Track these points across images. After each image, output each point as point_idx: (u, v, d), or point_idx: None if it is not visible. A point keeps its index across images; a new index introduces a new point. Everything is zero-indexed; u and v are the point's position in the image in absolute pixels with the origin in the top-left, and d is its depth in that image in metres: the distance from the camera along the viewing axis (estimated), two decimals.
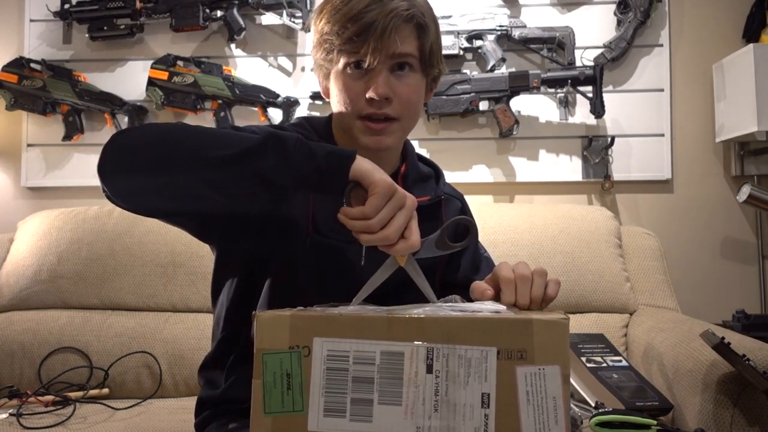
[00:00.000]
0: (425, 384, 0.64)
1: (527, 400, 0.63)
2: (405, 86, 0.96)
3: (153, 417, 1.48)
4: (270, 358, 0.65)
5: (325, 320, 0.66)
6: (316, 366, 0.65)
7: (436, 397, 0.63)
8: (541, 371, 0.63)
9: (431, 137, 2.15)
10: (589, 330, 1.66)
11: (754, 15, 2.11)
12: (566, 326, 0.65)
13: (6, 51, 2.27)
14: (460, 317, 0.66)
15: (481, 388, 0.63)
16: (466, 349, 0.64)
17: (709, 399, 1.16)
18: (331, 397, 0.64)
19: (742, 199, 1.79)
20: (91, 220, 1.91)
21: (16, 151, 2.26)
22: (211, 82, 2.11)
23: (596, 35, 2.14)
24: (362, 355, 0.65)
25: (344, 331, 0.65)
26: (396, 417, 0.63)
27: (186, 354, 1.73)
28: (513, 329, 0.64)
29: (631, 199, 2.15)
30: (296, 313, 0.67)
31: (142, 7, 2.15)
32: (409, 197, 0.77)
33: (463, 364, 0.64)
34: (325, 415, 0.64)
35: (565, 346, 0.65)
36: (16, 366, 1.74)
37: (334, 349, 0.65)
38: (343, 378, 0.64)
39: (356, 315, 0.66)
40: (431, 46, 0.97)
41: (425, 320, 0.65)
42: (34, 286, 1.84)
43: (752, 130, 1.89)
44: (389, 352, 0.64)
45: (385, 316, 0.66)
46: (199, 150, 0.79)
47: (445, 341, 0.64)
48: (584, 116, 2.11)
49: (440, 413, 0.63)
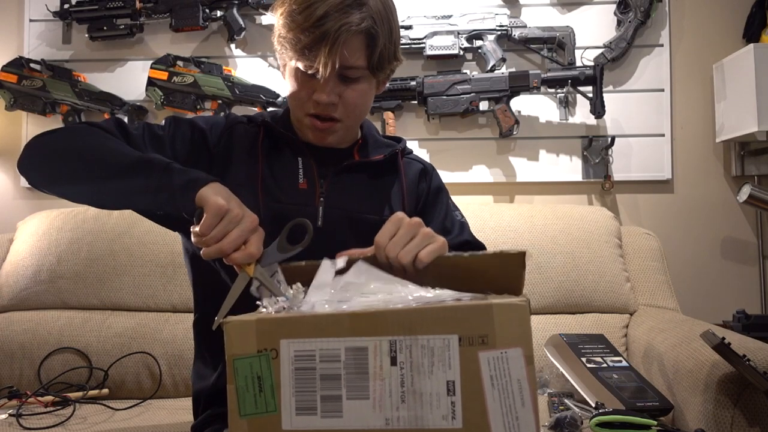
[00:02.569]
0: (390, 376, 0.65)
1: (492, 385, 0.64)
2: (352, 91, 1.02)
3: (153, 417, 1.48)
4: (240, 363, 0.67)
5: (290, 322, 0.68)
6: (285, 367, 0.66)
7: (402, 389, 0.65)
8: (504, 355, 0.64)
9: (431, 137, 2.15)
10: (589, 330, 1.66)
11: (754, 15, 2.11)
12: (526, 309, 0.66)
13: (6, 51, 2.27)
14: (420, 308, 0.67)
15: (446, 376, 0.64)
16: (428, 339, 0.65)
17: (710, 399, 1.16)
18: (302, 395, 0.66)
19: (742, 199, 1.79)
20: (91, 220, 1.91)
21: (16, 151, 2.25)
22: (211, 82, 2.11)
23: (596, 35, 2.14)
24: (327, 353, 0.66)
25: (308, 331, 0.67)
26: (365, 410, 0.65)
27: (186, 354, 1.72)
28: (473, 315, 0.65)
29: (631, 199, 2.15)
30: (262, 317, 0.69)
31: (142, 7, 2.15)
32: (247, 216, 0.84)
33: (427, 353, 0.65)
34: (297, 414, 0.66)
35: (526, 328, 0.65)
36: (16, 366, 1.74)
37: (300, 350, 0.67)
38: (311, 377, 0.66)
39: (319, 314, 0.68)
40: (381, 52, 1.01)
41: (386, 314, 0.66)
42: (33, 286, 1.84)
43: (752, 130, 1.89)
44: (353, 347, 0.66)
45: (347, 312, 0.67)
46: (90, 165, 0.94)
47: (407, 332, 0.65)
48: (584, 116, 2.11)
49: (407, 404, 0.64)
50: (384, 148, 1.14)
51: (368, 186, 1.10)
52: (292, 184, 1.06)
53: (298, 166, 1.08)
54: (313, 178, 1.07)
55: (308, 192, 1.06)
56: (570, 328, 1.70)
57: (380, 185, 1.12)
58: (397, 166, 1.14)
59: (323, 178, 1.07)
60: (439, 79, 2.05)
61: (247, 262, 0.83)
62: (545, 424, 1.22)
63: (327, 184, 1.07)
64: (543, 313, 1.77)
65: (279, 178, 1.07)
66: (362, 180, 1.10)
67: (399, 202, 1.11)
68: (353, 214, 1.06)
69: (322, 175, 1.07)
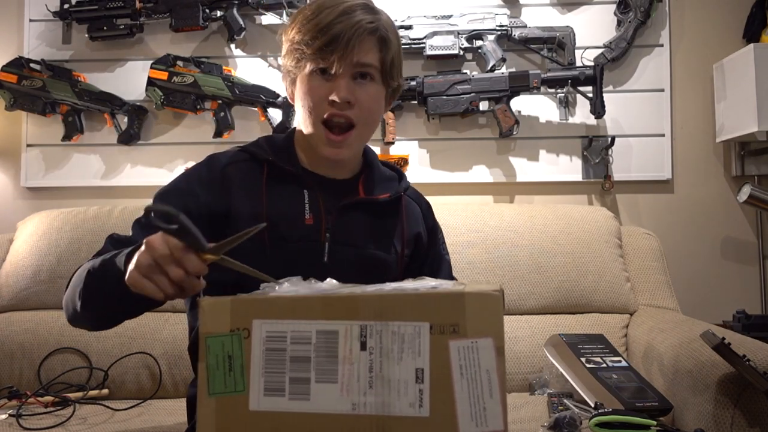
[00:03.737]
0: (360, 361, 0.65)
1: (461, 374, 0.64)
2: (365, 93, 1.04)
3: (153, 417, 1.48)
4: (213, 341, 0.67)
5: (264, 303, 0.68)
6: (256, 347, 0.66)
7: (370, 374, 0.64)
8: (474, 344, 0.64)
9: (431, 137, 2.15)
10: (589, 330, 1.66)
11: (754, 15, 2.10)
12: (498, 299, 0.65)
13: (5, 51, 2.27)
14: (393, 294, 0.67)
15: (415, 364, 0.64)
16: (399, 325, 0.65)
17: (710, 399, 1.16)
18: (271, 376, 0.66)
19: (742, 199, 1.79)
20: (91, 220, 1.91)
21: (15, 151, 2.26)
22: (211, 82, 2.11)
23: (596, 35, 2.14)
24: (299, 335, 0.66)
25: (281, 313, 0.67)
26: (332, 394, 0.65)
27: (186, 354, 1.70)
28: (445, 304, 0.65)
29: (631, 199, 2.15)
30: (237, 297, 0.69)
31: (142, 7, 2.15)
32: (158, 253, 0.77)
33: (397, 340, 0.65)
34: (265, 394, 0.66)
35: (498, 318, 0.65)
36: (16, 366, 1.74)
37: (272, 330, 0.66)
38: (281, 358, 0.66)
39: (292, 296, 0.68)
40: (392, 59, 1.06)
41: (358, 298, 0.66)
42: (33, 286, 1.84)
43: (752, 130, 1.89)
44: (324, 331, 0.66)
45: (320, 295, 0.68)
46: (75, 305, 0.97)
47: (378, 318, 0.65)
48: (584, 116, 2.11)
49: (375, 389, 0.64)
50: (387, 184, 1.16)
51: (373, 223, 1.11)
52: (298, 219, 1.06)
53: (304, 200, 1.07)
54: (320, 212, 1.07)
55: (314, 227, 1.06)
56: (570, 328, 1.70)
57: (384, 223, 1.13)
58: (400, 207, 1.16)
59: (329, 213, 1.07)
60: (439, 79, 2.05)
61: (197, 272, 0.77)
62: (544, 424, 1.22)
63: (333, 220, 1.07)
64: (543, 313, 1.77)
65: (284, 213, 1.06)
66: (367, 217, 1.11)
67: (400, 242, 1.14)
68: (359, 251, 1.08)
69: (328, 210, 1.07)
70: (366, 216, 1.11)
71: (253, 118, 2.17)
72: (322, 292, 0.70)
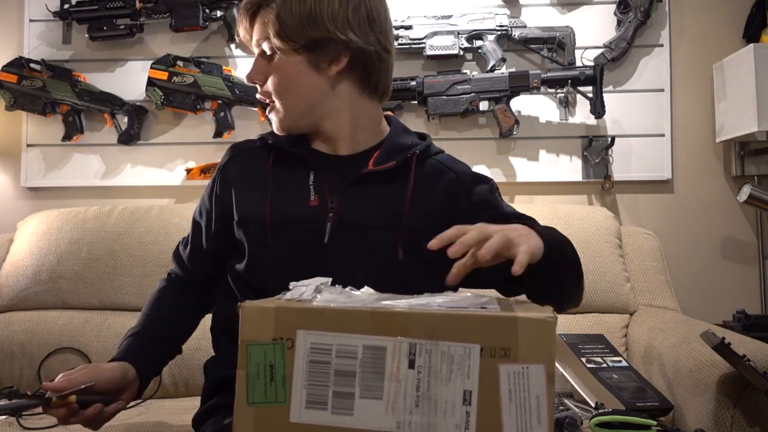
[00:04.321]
0: (407, 379, 0.64)
1: (509, 399, 0.63)
2: (271, 68, 1.04)
3: (153, 417, 1.48)
4: (254, 350, 0.66)
5: (309, 313, 0.66)
6: (299, 358, 0.65)
7: (417, 393, 0.63)
8: (525, 370, 0.63)
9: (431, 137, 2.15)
10: (589, 330, 1.66)
11: (754, 15, 2.10)
12: (552, 325, 0.64)
13: (6, 51, 2.27)
14: (444, 313, 0.66)
15: (463, 385, 0.63)
16: (449, 346, 0.64)
17: (710, 399, 1.16)
18: (313, 389, 0.65)
19: (742, 199, 1.79)
20: (91, 220, 1.91)
21: (15, 151, 2.26)
22: (211, 82, 2.11)
23: (596, 35, 2.14)
24: (345, 349, 0.65)
25: (328, 325, 0.65)
26: (377, 411, 0.63)
27: (186, 354, 1.70)
28: (497, 327, 0.64)
29: (631, 199, 2.15)
30: (281, 305, 0.68)
31: (142, 7, 2.15)
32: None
33: (446, 360, 0.64)
34: (306, 407, 0.64)
35: (551, 344, 0.64)
36: (16, 366, 1.74)
37: (317, 342, 0.65)
38: (325, 371, 0.65)
39: (340, 309, 0.67)
40: (281, 17, 1.00)
41: (409, 315, 0.65)
42: (33, 286, 1.84)
43: (752, 130, 1.89)
44: (372, 346, 0.64)
45: (369, 310, 0.66)
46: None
47: (429, 337, 0.64)
48: (584, 116, 2.11)
49: (421, 409, 0.63)
50: (399, 153, 1.06)
51: (381, 196, 1.04)
52: (303, 201, 1.04)
53: (309, 181, 1.05)
54: (324, 193, 1.04)
55: (319, 208, 1.03)
56: (570, 328, 1.70)
57: (392, 194, 1.05)
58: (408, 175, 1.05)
59: (334, 193, 1.04)
60: (439, 79, 2.05)
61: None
62: None
63: (338, 199, 1.03)
64: None
65: (290, 196, 1.05)
66: (375, 191, 1.04)
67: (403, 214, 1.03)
68: (361, 229, 1.02)
69: (333, 189, 1.04)
70: (374, 190, 1.04)
71: (253, 118, 2.17)
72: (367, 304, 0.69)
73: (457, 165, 1.12)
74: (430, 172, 1.07)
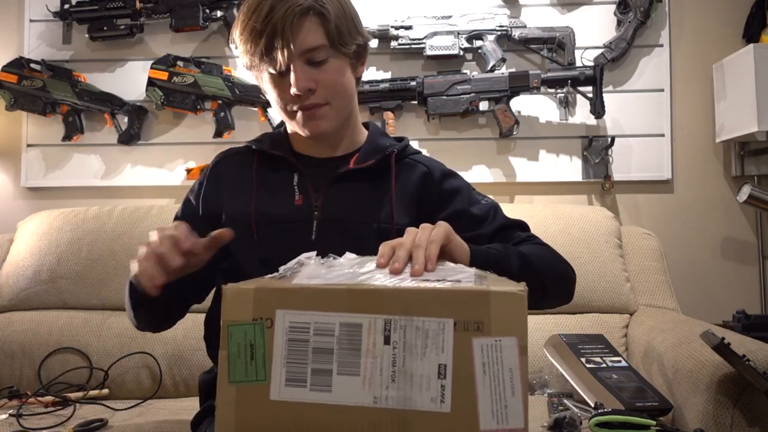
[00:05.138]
0: (383, 355, 0.65)
1: (483, 372, 0.64)
2: (324, 73, 1.02)
3: (153, 417, 1.48)
4: (235, 330, 0.67)
5: (287, 293, 0.68)
6: (278, 337, 0.66)
7: (393, 368, 0.64)
8: (498, 343, 0.64)
9: (431, 137, 2.15)
10: (589, 330, 1.66)
11: (754, 15, 2.11)
12: (523, 298, 0.65)
13: (6, 51, 2.27)
14: (418, 288, 0.67)
15: (438, 359, 0.64)
16: (423, 321, 0.65)
17: (709, 399, 1.16)
18: (293, 367, 0.66)
19: (742, 199, 1.79)
20: (91, 220, 1.91)
21: (16, 151, 2.26)
22: (211, 83, 2.11)
23: (596, 35, 2.14)
24: (322, 327, 0.66)
25: (305, 304, 0.67)
26: (354, 387, 0.64)
27: (186, 354, 1.73)
28: (470, 301, 0.65)
29: (631, 199, 2.15)
30: (260, 286, 0.69)
31: (142, 7, 2.15)
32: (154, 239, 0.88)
33: (420, 335, 0.65)
34: (286, 384, 0.66)
35: (522, 317, 0.65)
36: (16, 366, 1.74)
37: (295, 321, 0.66)
38: (303, 349, 0.66)
39: (317, 287, 0.68)
40: (336, 26, 1.02)
41: (383, 292, 0.67)
42: (33, 286, 1.84)
43: (752, 130, 1.89)
44: (348, 323, 0.66)
45: (345, 288, 0.67)
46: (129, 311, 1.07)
47: (403, 313, 0.65)
48: (584, 116, 2.11)
49: (397, 383, 0.64)
50: (378, 153, 1.11)
51: (363, 193, 1.09)
52: (288, 201, 1.07)
53: (293, 182, 1.08)
54: (308, 192, 1.08)
55: (303, 207, 1.07)
56: (570, 328, 1.70)
57: (375, 191, 1.09)
58: (389, 172, 1.10)
59: (317, 191, 1.07)
60: (439, 79, 2.05)
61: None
62: (544, 424, 1.22)
63: (322, 197, 1.07)
64: (543, 313, 1.77)
65: (275, 197, 1.08)
66: (357, 188, 1.09)
67: (389, 209, 1.08)
68: (347, 225, 1.06)
69: (316, 188, 1.08)
70: (356, 188, 1.09)
71: (253, 118, 2.17)
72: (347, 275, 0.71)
73: (431, 161, 1.17)
74: (407, 170, 1.13)
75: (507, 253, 0.97)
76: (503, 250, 0.97)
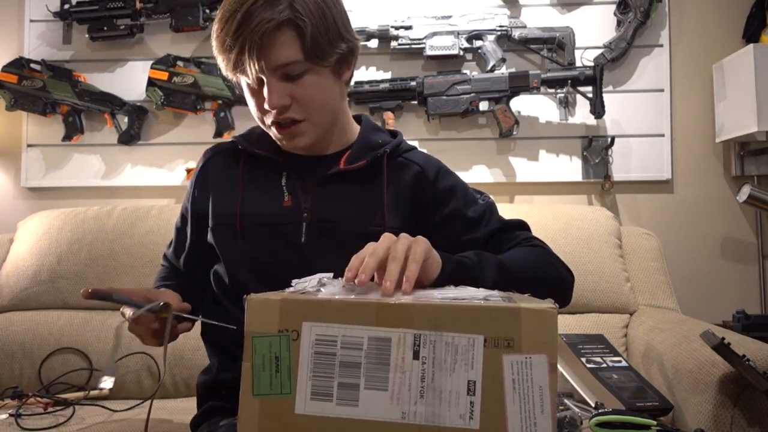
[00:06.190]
0: (412, 370, 0.64)
1: (513, 389, 0.63)
2: (300, 87, 0.97)
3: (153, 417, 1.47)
4: (259, 341, 0.66)
5: (315, 305, 0.67)
6: (305, 350, 0.65)
7: (422, 384, 0.64)
8: (528, 360, 0.63)
9: (431, 137, 2.15)
10: (589, 330, 1.66)
11: (754, 15, 2.11)
12: (554, 315, 0.64)
13: (6, 51, 2.27)
14: (448, 305, 0.66)
15: (467, 376, 0.63)
16: (453, 337, 0.64)
17: (709, 399, 1.16)
18: (319, 380, 0.65)
19: (742, 200, 1.79)
20: (91, 220, 1.91)
21: (16, 151, 2.26)
22: (211, 83, 2.11)
23: (596, 35, 2.14)
24: (350, 340, 0.65)
25: (333, 317, 0.66)
26: (382, 402, 0.64)
27: (186, 354, 1.73)
28: (500, 317, 0.64)
29: (631, 200, 2.15)
30: (286, 297, 0.68)
31: (142, 7, 2.15)
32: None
33: (450, 351, 0.64)
34: (312, 398, 0.65)
35: (553, 335, 0.64)
36: (16, 366, 1.74)
37: (322, 334, 0.65)
38: (330, 362, 0.65)
39: (346, 300, 0.67)
40: (313, 39, 0.94)
41: (413, 307, 0.65)
42: (34, 286, 1.84)
43: (752, 130, 1.89)
44: (377, 338, 0.65)
45: (374, 302, 0.66)
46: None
47: (433, 328, 0.64)
48: (584, 116, 2.11)
49: (426, 399, 0.63)
50: (370, 152, 1.07)
51: (353, 195, 1.05)
52: (276, 203, 1.05)
53: (282, 182, 1.06)
54: (297, 193, 1.05)
55: (292, 209, 1.04)
56: (570, 328, 1.70)
57: (366, 193, 1.05)
58: (381, 173, 1.06)
59: (306, 192, 1.05)
60: (439, 79, 2.05)
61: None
62: None
63: (311, 198, 1.04)
64: None
65: (263, 198, 1.05)
66: (348, 189, 1.05)
67: (381, 211, 1.04)
68: (337, 227, 1.03)
69: (305, 189, 1.05)
70: (346, 189, 1.05)
71: (252, 119, 2.17)
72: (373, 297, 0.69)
73: (425, 159, 1.12)
74: (400, 170, 1.08)
75: (482, 263, 0.92)
76: (478, 261, 0.92)
